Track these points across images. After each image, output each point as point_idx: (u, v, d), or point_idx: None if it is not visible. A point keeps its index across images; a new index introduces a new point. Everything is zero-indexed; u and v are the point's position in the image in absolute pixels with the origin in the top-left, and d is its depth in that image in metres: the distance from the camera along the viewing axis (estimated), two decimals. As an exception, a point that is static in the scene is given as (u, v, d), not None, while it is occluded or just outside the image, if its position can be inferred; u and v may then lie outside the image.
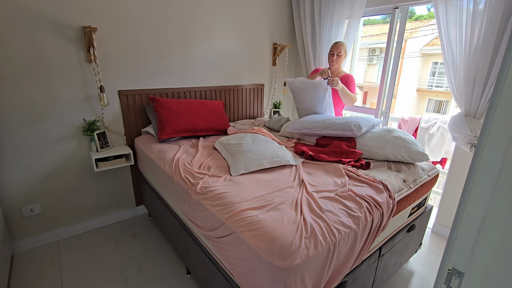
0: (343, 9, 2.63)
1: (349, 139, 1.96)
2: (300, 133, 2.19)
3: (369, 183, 1.48)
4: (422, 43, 9.98)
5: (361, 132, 1.89)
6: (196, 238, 1.56)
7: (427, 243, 2.30)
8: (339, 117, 2.11)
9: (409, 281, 1.90)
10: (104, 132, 2.16)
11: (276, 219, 1.14)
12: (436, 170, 1.82)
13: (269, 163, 1.66)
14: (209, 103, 2.45)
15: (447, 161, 2.84)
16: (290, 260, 0.97)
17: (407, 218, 1.71)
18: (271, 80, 3.25)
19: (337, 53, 2.43)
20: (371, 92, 11.33)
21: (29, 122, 1.89)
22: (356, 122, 1.93)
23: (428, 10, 10.56)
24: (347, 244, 1.17)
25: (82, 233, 2.29)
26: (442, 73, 9.87)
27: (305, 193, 1.36)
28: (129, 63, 2.19)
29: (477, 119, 1.95)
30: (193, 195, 1.44)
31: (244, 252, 1.10)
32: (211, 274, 1.45)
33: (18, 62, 1.78)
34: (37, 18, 1.78)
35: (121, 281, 1.81)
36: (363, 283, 1.47)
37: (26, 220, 2.04)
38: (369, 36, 10.74)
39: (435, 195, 3.34)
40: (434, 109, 10.50)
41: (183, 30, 2.38)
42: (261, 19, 2.91)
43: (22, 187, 1.97)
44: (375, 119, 2.06)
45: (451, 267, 0.58)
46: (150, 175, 2.14)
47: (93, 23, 1.96)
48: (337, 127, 1.97)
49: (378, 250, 1.50)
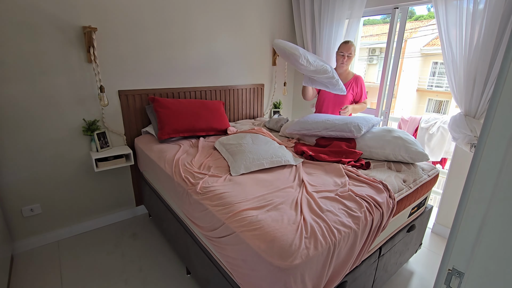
0: (343, 9, 2.63)
1: (349, 139, 1.96)
2: (300, 134, 2.19)
3: (369, 183, 1.48)
4: (422, 43, 9.98)
5: (361, 133, 1.89)
6: (196, 238, 1.56)
7: (427, 243, 2.30)
8: (338, 117, 2.10)
9: (409, 281, 1.90)
10: (104, 132, 2.16)
11: (276, 219, 1.14)
12: (436, 170, 1.82)
13: (269, 163, 1.66)
14: (209, 103, 2.45)
15: (447, 161, 2.84)
16: (290, 260, 0.97)
17: (407, 218, 1.71)
18: (271, 80, 3.25)
19: (347, 54, 2.38)
20: (371, 92, 11.24)
21: (29, 122, 1.89)
22: (356, 123, 1.93)
23: (428, 10, 10.57)
24: (347, 244, 1.17)
25: (82, 233, 2.29)
26: (442, 73, 9.87)
27: (305, 193, 1.36)
28: (129, 63, 2.19)
29: (477, 119, 1.95)
30: (193, 195, 1.44)
31: (244, 252, 1.10)
32: (211, 274, 1.45)
33: (18, 62, 1.78)
34: (37, 18, 1.78)
35: (121, 281, 1.81)
36: (363, 283, 1.47)
37: (26, 220, 2.04)
38: (369, 36, 10.75)
39: (435, 195, 3.34)
40: (434, 109, 10.50)
41: (183, 30, 2.38)
42: (261, 19, 2.91)
43: (22, 187, 1.97)
44: (375, 119, 2.06)
45: (451, 267, 0.58)
46: (150, 175, 2.14)
47: (93, 23, 1.96)
48: (336, 128, 1.97)
49: (378, 250, 1.50)
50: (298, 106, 3.57)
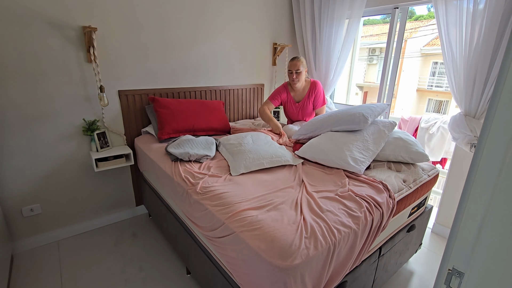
0: (343, 9, 2.63)
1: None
2: (307, 138, 2.06)
3: (369, 183, 1.48)
4: (422, 43, 9.99)
5: (368, 123, 1.76)
6: (196, 238, 1.56)
7: (427, 243, 2.30)
8: (341, 110, 1.98)
9: (409, 281, 1.90)
10: (104, 132, 2.16)
11: (276, 219, 1.14)
12: (436, 170, 1.82)
13: (269, 163, 1.66)
14: (209, 103, 2.45)
15: (447, 161, 2.84)
16: (290, 260, 0.97)
17: (407, 218, 1.71)
18: (271, 80, 3.25)
19: (295, 70, 2.34)
20: (371, 92, 11.33)
21: (29, 122, 1.89)
22: (361, 113, 1.78)
23: (428, 10, 10.57)
24: (347, 244, 1.17)
25: (82, 233, 2.29)
26: (442, 73, 9.88)
27: (305, 193, 1.36)
28: (129, 63, 2.19)
29: (477, 119, 1.95)
30: (193, 195, 1.44)
31: (244, 252, 1.10)
32: (211, 274, 1.45)
33: (19, 62, 1.78)
34: (37, 18, 1.78)
35: (121, 281, 1.81)
36: (363, 283, 1.47)
37: (26, 220, 2.04)
38: (369, 36, 10.75)
39: (435, 195, 3.34)
40: (434, 109, 10.50)
41: (183, 30, 2.38)
42: (261, 19, 2.91)
43: (22, 187, 1.97)
44: (380, 105, 1.90)
45: (451, 267, 0.58)
46: (150, 175, 2.14)
47: (93, 23, 1.96)
48: (343, 121, 1.83)
49: (378, 250, 1.50)
50: (298, 106, 3.57)
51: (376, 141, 1.75)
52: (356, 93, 11.29)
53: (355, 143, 1.70)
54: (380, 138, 1.77)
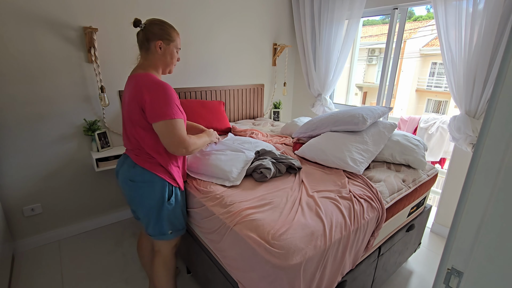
0: (343, 9, 2.64)
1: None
2: (307, 136, 2.07)
3: (365, 186, 1.48)
4: (421, 44, 9.99)
5: (366, 124, 1.77)
6: (196, 238, 1.56)
7: (426, 243, 2.31)
8: (342, 110, 1.99)
9: (408, 281, 1.91)
10: (105, 132, 2.16)
11: (276, 219, 1.15)
12: (435, 170, 1.83)
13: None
14: (209, 103, 2.46)
15: (446, 161, 2.85)
16: (290, 259, 0.97)
17: (406, 217, 1.71)
18: (271, 81, 3.26)
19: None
20: (371, 92, 11.34)
21: (30, 122, 1.89)
22: (360, 114, 1.79)
23: (427, 11, 10.57)
24: (347, 244, 1.18)
25: (82, 232, 2.29)
26: (441, 73, 9.89)
27: (304, 193, 1.37)
28: (129, 64, 2.18)
29: (477, 119, 1.96)
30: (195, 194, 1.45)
31: (244, 252, 1.11)
32: (211, 273, 1.46)
33: (19, 62, 1.78)
34: (38, 19, 1.78)
35: (122, 280, 1.82)
36: (363, 283, 1.48)
37: (27, 219, 2.04)
38: (369, 36, 10.75)
39: (434, 195, 3.35)
40: (433, 109, 10.52)
41: (183, 30, 2.38)
42: (261, 19, 2.91)
43: (23, 187, 1.97)
44: (381, 108, 1.91)
45: (450, 267, 0.59)
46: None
47: (94, 23, 1.96)
48: (342, 121, 1.84)
49: (377, 250, 1.51)
50: (298, 106, 3.57)
51: (376, 143, 1.76)
52: (355, 93, 11.30)
53: (355, 144, 1.71)
54: (380, 140, 1.78)
